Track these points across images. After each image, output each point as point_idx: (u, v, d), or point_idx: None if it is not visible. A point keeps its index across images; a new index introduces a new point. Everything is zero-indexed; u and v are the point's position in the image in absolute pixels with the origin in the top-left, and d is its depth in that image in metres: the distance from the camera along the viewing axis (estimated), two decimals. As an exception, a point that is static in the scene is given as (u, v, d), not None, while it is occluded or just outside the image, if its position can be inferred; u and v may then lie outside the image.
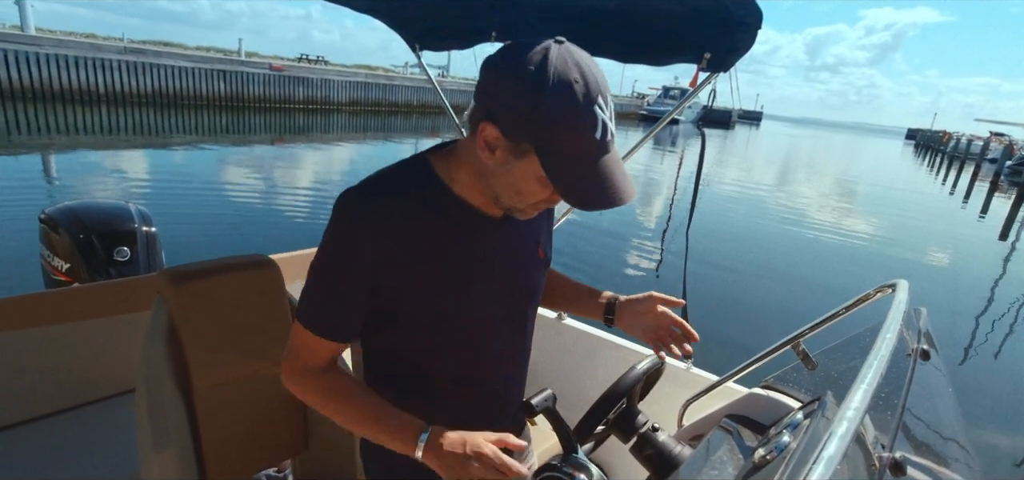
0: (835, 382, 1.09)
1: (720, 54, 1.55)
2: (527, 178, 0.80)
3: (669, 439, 1.24)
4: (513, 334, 1.03)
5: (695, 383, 1.82)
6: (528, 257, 1.01)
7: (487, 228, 0.92)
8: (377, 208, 0.85)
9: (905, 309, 0.96)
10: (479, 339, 0.97)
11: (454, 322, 0.93)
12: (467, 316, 0.94)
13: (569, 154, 0.75)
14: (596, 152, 0.76)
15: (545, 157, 0.76)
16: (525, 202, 0.83)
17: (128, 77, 18.59)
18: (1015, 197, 22.53)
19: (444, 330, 0.93)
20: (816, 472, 0.53)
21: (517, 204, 0.84)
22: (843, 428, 0.59)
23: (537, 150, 0.76)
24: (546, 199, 0.83)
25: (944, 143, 51.89)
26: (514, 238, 0.97)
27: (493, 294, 0.95)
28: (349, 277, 0.86)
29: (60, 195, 8.49)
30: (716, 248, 9.16)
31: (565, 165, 0.76)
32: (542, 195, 0.81)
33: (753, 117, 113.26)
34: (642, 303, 1.11)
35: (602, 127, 0.75)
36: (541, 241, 1.05)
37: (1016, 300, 8.44)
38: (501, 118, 0.77)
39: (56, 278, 2.53)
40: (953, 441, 0.98)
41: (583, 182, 0.76)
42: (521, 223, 0.96)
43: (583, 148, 0.75)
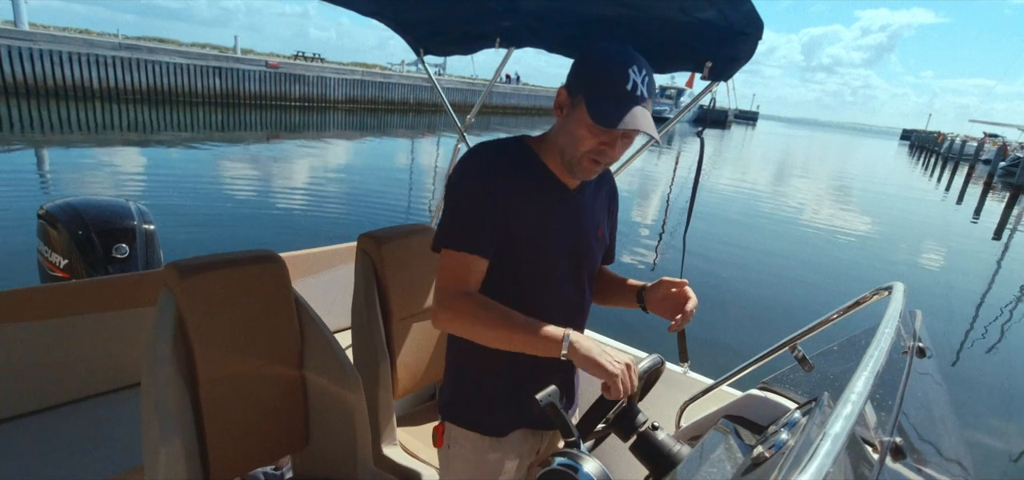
0: (832, 383, 1.11)
1: (721, 63, 1.56)
2: (579, 124, 1.06)
3: (668, 438, 1.25)
4: (575, 284, 1.25)
5: (692, 386, 1.84)
6: (590, 230, 1.25)
7: (565, 194, 1.18)
8: (498, 162, 1.13)
9: (901, 311, 0.98)
10: (548, 279, 1.19)
11: (532, 258, 1.16)
12: (541, 256, 1.17)
13: (606, 97, 1.02)
14: (627, 98, 1.01)
15: (590, 100, 1.03)
16: (579, 150, 1.07)
17: (122, 73, 18.50)
18: (1008, 198, 22.68)
19: (525, 272, 1.16)
20: (822, 450, 0.54)
21: (573, 153, 1.08)
22: (848, 410, 0.60)
23: (585, 98, 1.03)
24: (594, 148, 1.06)
25: (938, 144, 52.12)
26: (582, 210, 1.22)
27: (561, 245, 1.19)
28: (485, 207, 1.10)
29: (54, 191, 8.45)
30: (712, 249, 9.19)
31: (602, 103, 1.02)
32: (591, 142, 1.06)
33: (749, 117, 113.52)
34: (658, 288, 1.27)
35: (633, 83, 1.02)
36: (602, 225, 1.29)
37: (1009, 300, 8.51)
38: (568, 82, 1.09)
39: (53, 274, 2.53)
40: (948, 439, 1.00)
41: (610, 111, 1.01)
42: (588, 201, 1.23)
43: (616, 93, 1.01)
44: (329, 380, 1.52)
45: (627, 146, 1.10)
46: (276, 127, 19.00)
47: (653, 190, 15.36)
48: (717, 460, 1.11)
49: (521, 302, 1.15)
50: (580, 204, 1.22)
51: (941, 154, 48.16)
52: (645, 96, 1.04)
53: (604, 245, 1.32)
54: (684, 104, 2.04)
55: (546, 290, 1.19)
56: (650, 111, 1.05)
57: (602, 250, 1.32)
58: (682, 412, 1.66)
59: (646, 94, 1.04)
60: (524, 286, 1.17)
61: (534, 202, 1.15)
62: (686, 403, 1.65)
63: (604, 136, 1.06)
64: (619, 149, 1.08)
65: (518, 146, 1.18)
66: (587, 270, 1.27)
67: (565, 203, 1.19)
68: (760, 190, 17.96)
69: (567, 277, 1.22)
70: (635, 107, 1.02)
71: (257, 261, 1.44)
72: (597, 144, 1.06)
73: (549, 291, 1.20)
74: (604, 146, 1.06)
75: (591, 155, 1.08)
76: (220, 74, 21.11)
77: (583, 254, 1.24)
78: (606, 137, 1.06)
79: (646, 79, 1.04)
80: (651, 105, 1.06)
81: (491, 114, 32.50)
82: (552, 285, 1.20)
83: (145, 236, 2.64)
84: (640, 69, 1.03)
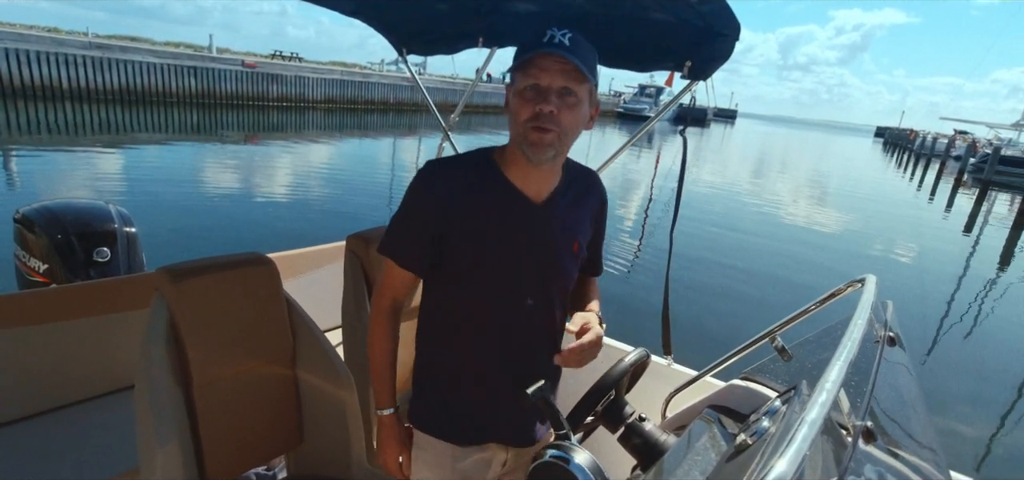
0: (810, 372, 1.15)
1: (700, 63, 1.60)
2: (513, 99, 1.06)
3: (655, 428, 1.29)
4: (541, 303, 1.18)
5: (677, 378, 1.88)
6: (561, 245, 1.18)
7: (528, 209, 1.14)
8: (446, 180, 1.12)
9: (873, 302, 1.03)
10: (509, 297, 1.15)
11: (490, 279, 1.13)
12: (502, 277, 1.13)
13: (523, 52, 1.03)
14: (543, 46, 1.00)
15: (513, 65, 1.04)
16: (519, 124, 1.05)
17: (94, 73, 18.04)
18: (978, 194, 23.36)
19: (484, 286, 1.14)
20: (800, 435, 0.58)
21: (517, 132, 1.06)
22: (823, 396, 0.64)
23: (512, 70, 1.05)
24: (531, 115, 1.03)
25: (911, 141, 53.40)
26: (551, 224, 1.16)
27: (523, 262, 1.14)
28: (417, 226, 1.13)
29: (25, 195, 8.23)
30: (694, 245, 9.32)
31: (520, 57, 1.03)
32: (526, 110, 1.03)
33: (728, 115, 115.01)
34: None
35: (550, 36, 1.01)
36: (581, 238, 1.22)
37: (978, 292, 8.79)
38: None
39: (32, 279, 2.48)
40: (917, 423, 1.05)
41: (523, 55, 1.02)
42: (561, 217, 1.17)
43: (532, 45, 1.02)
44: (321, 379, 1.54)
45: (575, 110, 1.05)
46: (254, 128, 18.74)
47: (634, 188, 15.51)
48: (702, 448, 1.15)
49: (484, 321, 1.17)
50: (548, 218, 1.16)
51: (914, 151, 49.36)
52: (566, 44, 1.01)
53: (581, 259, 1.25)
54: (664, 102, 2.08)
55: (508, 309, 1.16)
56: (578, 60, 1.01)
57: (577, 265, 1.24)
58: (667, 403, 1.71)
59: (567, 44, 1.01)
60: (486, 304, 1.16)
61: (492, 218, 1.12)
62: (671, 394, 1.70)
63: (536, 98, 1.02)
64: (561, 110, 1.03)
65: (479, 160, 1.15)
66: (557, 287, 1.21)
67: (529, 217, 1.14)
68: (739, 187, 18.24)
69: (532, 295, 1.17)
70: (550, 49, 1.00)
71: (248, 264, 1.44)
72: (532, 110, 1.03)
73: (511, 310, 1.16)
74: (541, 108, 1.02)
75: (531, 124, 1.03)
76: (195, 74, 20.73)
77: (551, 271, 1.18)
78: (537, 97, 1.02)
79: (569, 36, 1.01)
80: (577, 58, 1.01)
81: (473, 113, 32.44)
82: (515, 304, 1.16)
83: (127, 239, 2.60)
84: (563, 30, 1.02)
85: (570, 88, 1.03)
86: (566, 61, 1.00)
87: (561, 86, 1.03)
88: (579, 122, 1.08)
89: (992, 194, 23.63)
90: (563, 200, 1.18)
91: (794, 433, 0.58)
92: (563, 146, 1.08)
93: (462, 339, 1.20)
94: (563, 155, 1.13)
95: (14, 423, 1.88)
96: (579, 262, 1.24)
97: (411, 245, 1.15)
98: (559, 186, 1.18)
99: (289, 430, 1.54)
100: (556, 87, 1.02)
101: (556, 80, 1.02)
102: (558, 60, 1.01)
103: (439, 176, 1.12)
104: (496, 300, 1.16)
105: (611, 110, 56.64)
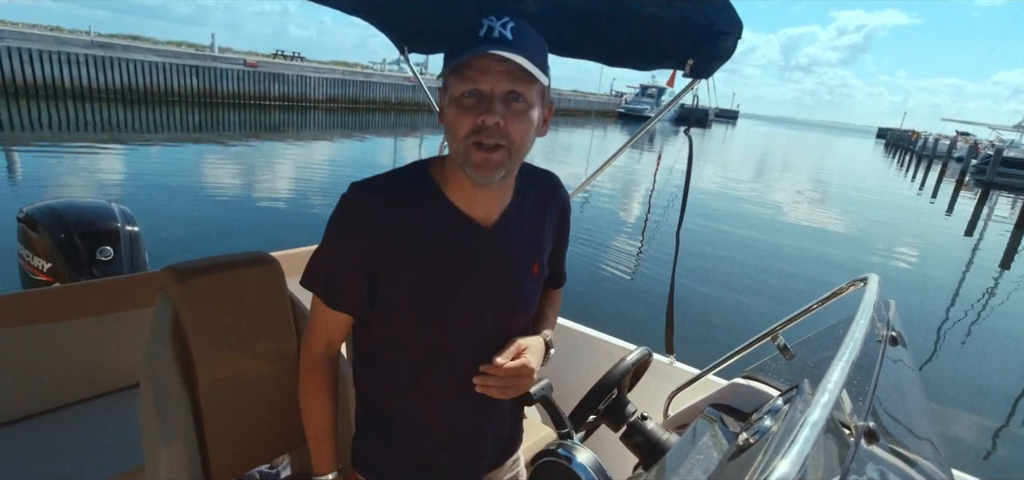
0: (812, 371, 1.16)
1: (702, 61, 1.60)
2: (450, 108, 0.87)
3: (657, 427, 1.30)
4: (501, 336, 1.02)
5: (679, 376, 1.88)
6: (520, 271, 1.02)
7: (476, 235, 0.96)
8: (375, 207, 0.91)
9: (875, 301, 1.03)
10: (460, 344, 0.98)
11: (439, 320, 0.96)
12: (449, 319, 0.96)
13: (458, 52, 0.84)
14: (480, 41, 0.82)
15: (446, 67, 0.86)
16: (458, 139, 0.86)
17: (96, 72, 18.07)
18: (980, 195, 23.33)
19: (430, 327, 0.96)
20: (801, 436, 0.58)
21: (458, 149, 0.87)
22: (825, 397, 0.65)
23: (445, 72, 0.87)
24: (472, 127, 0.85)
25: (913, 142, 53.33)
26: (507, 249, 0.99)
27: (478, 301, 0.97)
28: (347, 263, 0.93)
29: (29, 194, 8.25)
30: (696, 245, 9.32)
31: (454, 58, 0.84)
32: (466, 122, 0.85)
33: (730, 116, 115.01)
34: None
35: (488, 28, 0.83)
36: (541, 259, 1.06)
37: (980, 293, 8.78)
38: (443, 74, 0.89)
39: (36, 278, 2.49)
40: (920, 422, 1.05)
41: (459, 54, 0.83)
42: (517, 238, 1.00)
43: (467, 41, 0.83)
44: None
45: (524, 118, 0.86)
46: (255, 127, 18.76)
47: (636, 188, 15.50)
48: (704, 447, 1.15)
49: (431, 363, 0.99)
50: (502, 243, 0.98)
51: (915, 152, 49.30)
52: (509, 38, 0.82)
53: (540, 284, 1.09)
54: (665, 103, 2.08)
55: (461, 349, 0.99)
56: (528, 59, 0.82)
57: (540, 288, 1.08)
58: (669, 402, 1.71)
59: (509, 37, 0.83)
60: (432, 346, 0.98)
61: (433, 251, 0.93)
62: (673, 393, 1.70)
63: (476, 107, 0.84)
64: (509, 121, 0.84)
65: (414, 179, 0.96)
66: (518, 318, 1.05)
67: (478, 245, 0.96)
68: (741, 187, 18.23)
69: (489, 332, 1.00)
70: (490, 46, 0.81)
71: (252, 263, 1.45)
72: (473, 122, 0.84)
73: (464, 350, 0.99)
74: (483, 120, 0.83)
75: (472, 138, 0.84)
76: (197, 73, 20.76)
77: (510, 303, 1.01)
78: (478, 105, 0.84)
79: (510, 27, 0.83)
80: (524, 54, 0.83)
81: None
82: (467, 343, 0.99)
83: (129, 238, 2.61)
84: (503, 19, 0.84)
85: (517, 92, 0.84)
86: (510, 60, 0.81)
87: (506, 90, 0.84)
88: (531, 130, 0.89)
89: (994, 196, 23.60)
90: (518, 217, 1.00)
91: (796, 434, 0.59)
92: (514, 162, 0.89)
93: (408, 383, 1.02)
94: (514, 171, 0.93)
95: (18, 422, 1.89)
96: (541, 284, 1.09)
97: (344, 283, 0.95)
98: (512, 202, 1.00)
99: (293, 429, 1.54)
100: (500, 92, 0.84)
101: (500, 84, 0.83)
102: (500, 59, 0.82)
103: (366, 202, 0.92)
104: (445, 341, 0.98)
105: (612, 110, 56.65)
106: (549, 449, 1.08)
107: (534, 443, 1.91)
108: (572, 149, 24.89)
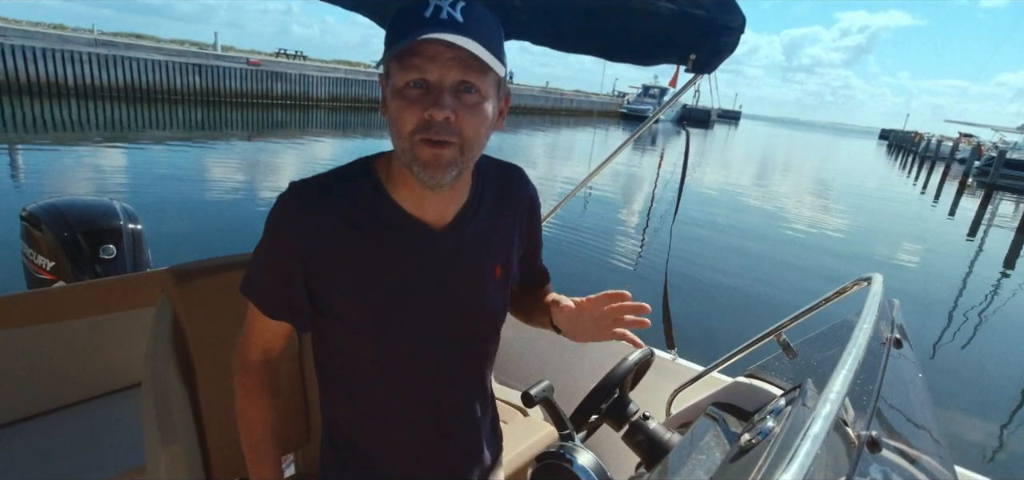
0: (815, 370, 1.15)
1: (704, 56, 1.60)
2: (393, 99, 0.76)
3: (659, 427, 1.30)
4: (463, 357, 0.94)
5: (682, 374, 1.88)
6: (481, 276, 0.91)
7: (427, 240, 0.86)
8: (313, 210, 0.83)
9: (880, 301, 1.03)
10: (418, 356, 0.90)
11: (388, 336, 0.87)
12: (403, 331, 0.88)
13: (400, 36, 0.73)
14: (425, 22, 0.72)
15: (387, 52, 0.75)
16: (404, 135, 0.76)
17: (99, 70, 18.12)
18: (983, 197, 23.26)
19: (379, 342, 0.88)
20: (803, 449, 0.58)
21: (403, 146, 0.77)
22: (826, 409, 0.64)
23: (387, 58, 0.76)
24: (419, 122, 0.75)
25: (916, 143, 53.19)
26: (463, 254, 0.89)
27: (434, 310, 0.88)
28: (281, 269, 0.85)
29: (32, 192, 8.27)
30: (699, 244, 9.31)
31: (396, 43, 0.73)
32: (412, 116, 0.75)
33: (732, 116, 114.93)
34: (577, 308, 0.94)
35: (434, 9, 0.73)
36: (502, 263, 0.95)
37: (983, 294, 8.76)
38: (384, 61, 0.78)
39: (40, 277, 2.49)
40: (923, 422, 1.05)
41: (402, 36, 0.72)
42: (475, 241, 0.90)
43: (411, 23, 0.73)
44: None
45: (478, 111, 0.77)
46: (258, 126, 18.79)
47: (638, 187, 15.50)
48: (706, 447, 1.15)
49: (385, 377, 0.90)
50: (456, 246, 0.88)
51: (918, 153, 49.18)
52: (459, 20, 0.73)
53: (512, 282, 1.00)
54: None
55: (415, 367, 0.90)
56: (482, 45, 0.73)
57: (506, 292, 0.98)
58: (672, 400, 1.71)
59: (459, 19, 0.73)
60: (385, 360, 0.89)
61: (379, 257, 0.84)
62: (676, 391, 1.70)
63: (423, 100, 0.74)
64: (460, 114, 0.75)
65: (356, 177, 0.86)
66: (482, 326, 0.95)
67: (429, 250, 0.86)
68: (744, 188, 18.21)
69: (448, 343, 0.91)
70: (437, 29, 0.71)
71: None
72: (420, 117, 0.74)
73: (420, 367, 0.90)
74: (432, 114, 0.73)
75: (420, 134, 0.75)
76: (200, 72, 20.80)
77: (470, 311, 0.92)
78: (425, 99, 0.74)
79: (460, 7, 0.74)
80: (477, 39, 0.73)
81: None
82: (424, 360, 0.90)
83: (132, 236, 2.62)
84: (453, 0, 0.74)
85: (470, 82, 0.75)
86: (460, 46, 0.71)
87: (457, 80, 0.75)
88: (486, 125, 0.79)
89: (997, 197, 23.53)
90: (475, 218, 0.91)
91: (798, 446, 0.59)
92: (467, 160, 0.79)
93: (367, 403, 0.93)
94: (467, 170, 0.83)
95: (21, 421, 1.90)
96: (508, 288, 0.98)
97: (280, 290, 0.86)
98: (469, 201, 0.90)
99: (296, 428, 1.54)
100: (450, 83, 0.74)
101: (449, 73, 0.74)
102: (450, 45, 0.71)
103: (303, 203, 0.83)
104: (402, 353, 0.89)
105: (615, 111, 56.64)
106: (550, 451, 1.08)
107: (535, 444, 1.91)
108: (574, 149, 24.88)
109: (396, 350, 0.89)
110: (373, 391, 0.92)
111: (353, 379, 0.93)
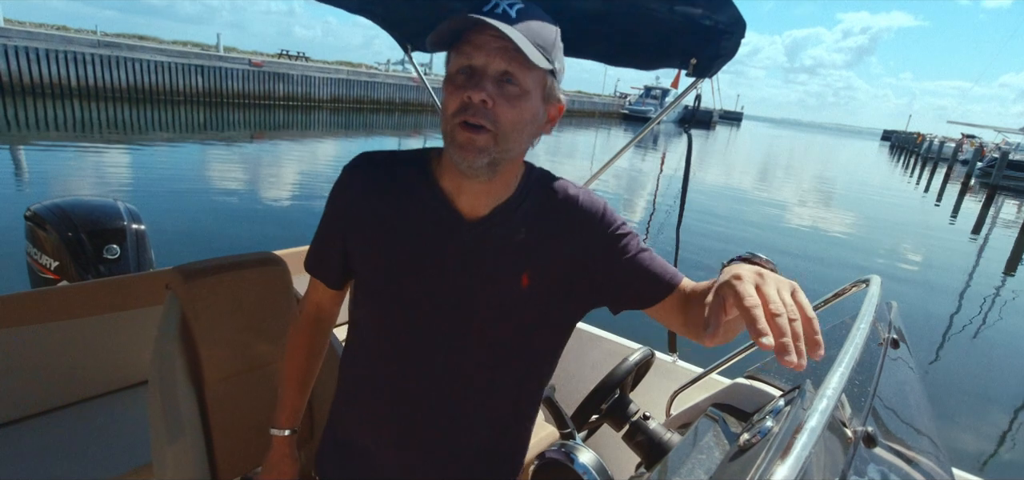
0: (814, 371, 1.16)
1: (705, 60, 1.61)
2: (445, 85, 0.81)
3: (659, 427, 1.31)
4: (465, 350, 0.90)
5: (681, 375, 1.89)
6: (501, 277, 0.88)
7: (453, 226, 0.87)
8: (366, 176, 0.91)
9: (877, 302, 1.04)
10: (423, 334, 0.89)
11: (403, 306, 0.89)
12: (411, 304, 0.88)
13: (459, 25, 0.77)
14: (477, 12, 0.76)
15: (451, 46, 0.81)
16: (450, 117, 0.79)
17: (102, 71, 18.15)
18: (985, 198, 23.21)
19: (399, 309, 0.89)
20: (799, 442, 0.59)
21: (448, 129, 0.80)
22: (823, 405, 0.65)
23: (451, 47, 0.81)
24: (459, 105, 0.78)
25: (918, 144, 53.08)
26: (487, 251, 0.87)
27: (443, 296, 0.87)
28: (328, 228, 0.95)
29: (36, 192, 8.31)
30: (699, 245, 9.31)
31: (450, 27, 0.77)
32: (454, 101, 0.78)
33: (734, 117, 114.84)
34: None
35: (493, 4, 0.77)
36: (535, 273, 0.89)
37: (986, 296, 8.74)
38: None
39: (44, 276, 2.51)
40: (920, 421, 1.06)
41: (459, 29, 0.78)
42: (503, 241, 0.88)
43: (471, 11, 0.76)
44: (331, 377, 1.55)
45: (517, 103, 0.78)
46: (260, 126, 18.81)
47: (640, 188, 15.49)
48: (705, 447, 1.16)
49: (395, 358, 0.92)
50: (481, 239, 0.87)
51: (920, 154, 49.10)
52: (511, 16, 0.76)
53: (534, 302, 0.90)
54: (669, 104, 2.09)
55: (422, 347, 0.90)
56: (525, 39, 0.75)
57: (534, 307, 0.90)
58: (672, 401, 1.72)
59: (512, 14, 0.76)
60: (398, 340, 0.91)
61: (413, 234, 0.87)
62: (676, 392, 1.71)
63: (466, 84, 0.77)
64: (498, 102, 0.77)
65: (415, 160, 0.91)
66: (499, 335, 0.90)
67: (452, 236, 0.87)
68: (746, 189, 18.19)
69: (450, 336, 0.89)
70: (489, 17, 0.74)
71: (259, 263, 1.46)
72: (461, 98, 0.77)
73: (425, 349, 0.90)
74: (470, 96, 0.76)
75: (459, 116, 0.77)
76: (202, 73, 20.84)
77: (483, 309, 0.88)
78: (468, 83, 0.77)
79: (516, 7, 0.77)
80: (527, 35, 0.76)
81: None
82: (429, 343, 0.89)
83: (136, 236, 2.63)
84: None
85: (512, 74, 0.77)
86: (507, 38, 0.73)
87: (500, 70, 0.77)
88: (525, 120, 0.80)
89: (999, 199, 23.48)
90: (511, 219, 0.88)
91: (795, 439, 0.60)
92: (501, 151, 0.79)
93: (368, 386, 0.96)
94: (504, 166, 0.83)
95: (26, 419, 1.91)
96: (537, 303, 0.90)
97: (324, 250, 0.97)
98: (508, 201, 0.88)
99: (301, 427, 1.56)
100: (493, 71, 0.77)
101: (494, 62, 0.76)
102: (498, 36, 0.74)
103: (361, 171, 0.91)
104: (412, 341, 0.89)
105: (616, 112, 56.64)
106: (552, 449, 1.09)
107: (536, 443, 1.91)
108: (576, 149, 24.88)
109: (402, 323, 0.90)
110: (380, 388, 0.94)
111: (364, 376, 0.97)
